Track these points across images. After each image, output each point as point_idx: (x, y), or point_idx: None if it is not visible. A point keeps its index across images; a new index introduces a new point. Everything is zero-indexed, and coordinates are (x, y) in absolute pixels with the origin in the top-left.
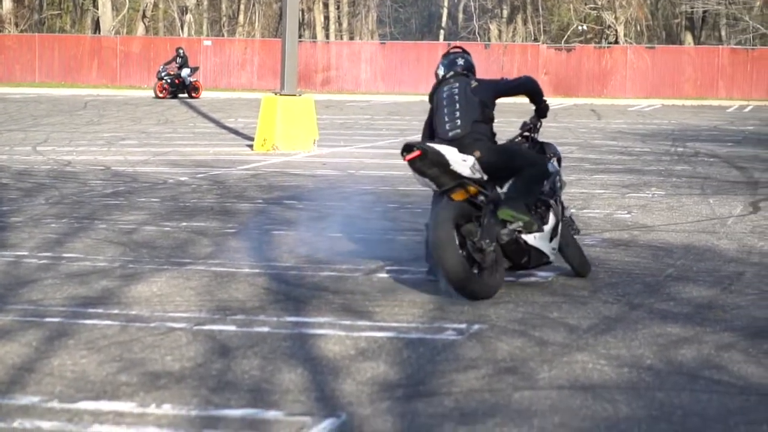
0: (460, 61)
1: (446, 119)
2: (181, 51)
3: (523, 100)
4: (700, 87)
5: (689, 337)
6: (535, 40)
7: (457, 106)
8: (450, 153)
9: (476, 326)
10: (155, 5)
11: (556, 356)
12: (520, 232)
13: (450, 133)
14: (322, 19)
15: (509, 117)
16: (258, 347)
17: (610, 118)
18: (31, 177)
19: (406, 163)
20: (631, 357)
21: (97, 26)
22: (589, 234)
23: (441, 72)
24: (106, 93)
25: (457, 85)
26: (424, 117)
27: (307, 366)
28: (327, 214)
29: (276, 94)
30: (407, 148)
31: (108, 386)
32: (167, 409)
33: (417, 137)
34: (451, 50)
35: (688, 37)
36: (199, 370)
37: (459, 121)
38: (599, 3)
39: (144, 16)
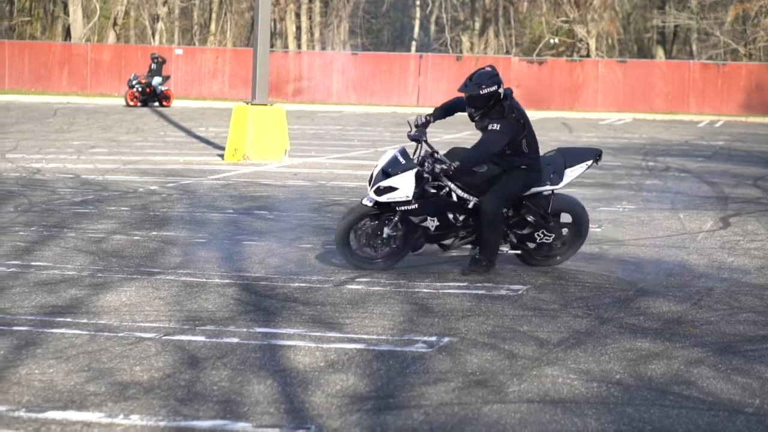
0: None
1: None
2: (158, 57)
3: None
4: (671, 101)
5: (659, 352)
6: (507, 52)
7: None
8: None
9: (446, 339)
10: (126, 13)
11: (526, 370)
12: None
13: None
14: (294, 29)
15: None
16: (227, 358)
17: (581, 131)
18: None
19: None
20: (601, 372)
21: (67, 33)
22: None
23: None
24: (76, 100)
25: None
26: (396, 128)
27: (276, 377)
28: (297, 224)
29: (247, 103)
30: None
31: (76, 396)
32: (136, 419)
33: (386, 148)
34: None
35: (660, 52)
36: (168, 380)
37: None
38: (571, 16)
39: (115, 24)
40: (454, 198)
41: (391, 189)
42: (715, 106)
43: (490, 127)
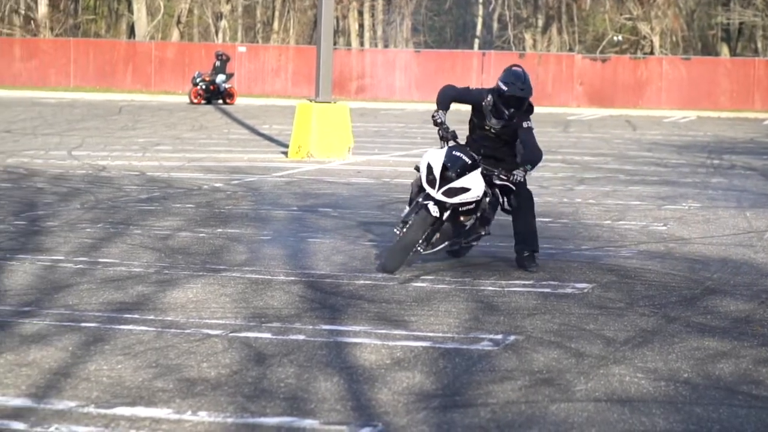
0: None
1: None
2: (222, 55)
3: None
4: (736, 99)
5: (727, 351)
6: (570, 49)
7: None
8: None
9: (512, 337)
10: (190, 11)
11: (593, 368)
12: None
13: None
14: (357, 26)
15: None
16: (294, 355)
17: (645, 129)
18: (66, 181)
19: None
20: (669, 370)
21: (131, 31)
22: (625, 246)
23: None
24: (140, 98)
25: None
26: (458, 125)
27: (342, 375)
28: (362, 222)
29: (311, 101)
30: None
31: (144, 392)
32: (203, 416)
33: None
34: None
35: (724, 49)
36: (235, 377)
37: None
38: (635, 13)
39: (179, 21)
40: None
41: (465, 190)
42: None
43: (525, 125)
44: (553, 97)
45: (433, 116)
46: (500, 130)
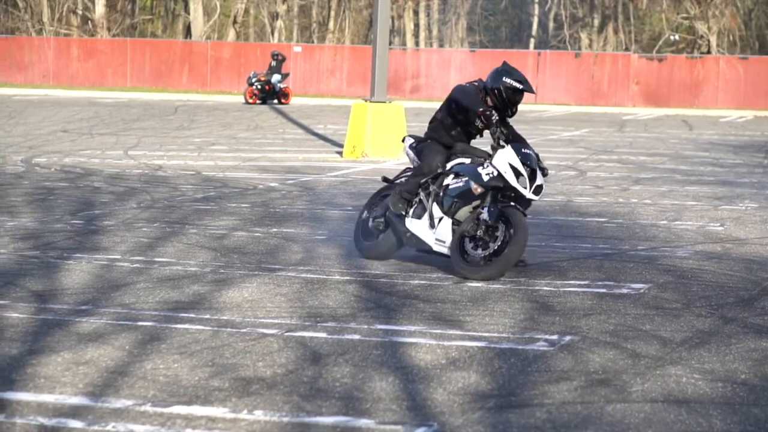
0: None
1: None
2: (278, 55)
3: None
4: None
5: None
6: (626, 49)
7: None
8: (407, 140)
9: (567, 337)
10: (246, 11)
11: (649, 369)
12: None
13: None
14: (412, 26)
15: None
16: (349, 355)
17: (701, 129)
18: (122, 181)
19: None
20: (726, 372)
21: (188, 31)
22: (682, 246)
23: None
24: (196, 98)
25: None
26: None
27: (398, 374)
28: None
29: (366, 101)
30: None
31: (200, 391)
32: (259, 415)
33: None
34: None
35: None
36: (291, 376)
37: None
38: (692, 13)
39: (235, 21)
40: None
41: (542, 187)
42: None
43: (509, 122)
44: (609, 96)
45: (492, 114)
46: (487, 128)
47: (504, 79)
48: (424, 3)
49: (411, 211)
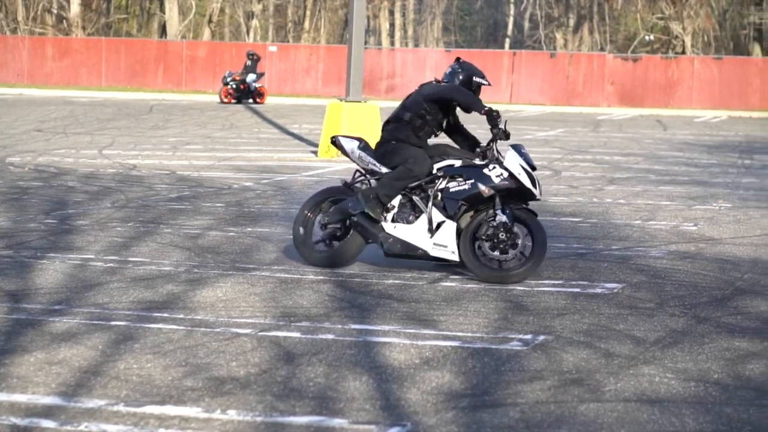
0: (448, 70)
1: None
2: (253, 54)
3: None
4: None
5: (757, 351)
6: (602, 49)
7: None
8: (347, 142)
9: (541, 337)
10: (221, 10)
11: (623, 368)
12: (371, 218)
13: None
14: (388, 26)
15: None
16: (323, 354)
17: (676, 129)
18: (97, 180)
19: None
20: (699, 371)
21: (163, 31)
22: (655, 246)
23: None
24: (171, 97)
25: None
26: (487, 125)
27: (371, 374)
28: None
29: (341, 100)
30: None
31: (174, 391)
32: (233, 415)
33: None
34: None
35: (756, 49)
36: (264, 376)
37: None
38: (666, 13)
39: (210, 21)
40: None
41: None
42: None
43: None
44: (584, 96)
45: (497, 113)
46: (452, 122)
47: (475, 78)
48: (400, 3)
49: (390, 216)
